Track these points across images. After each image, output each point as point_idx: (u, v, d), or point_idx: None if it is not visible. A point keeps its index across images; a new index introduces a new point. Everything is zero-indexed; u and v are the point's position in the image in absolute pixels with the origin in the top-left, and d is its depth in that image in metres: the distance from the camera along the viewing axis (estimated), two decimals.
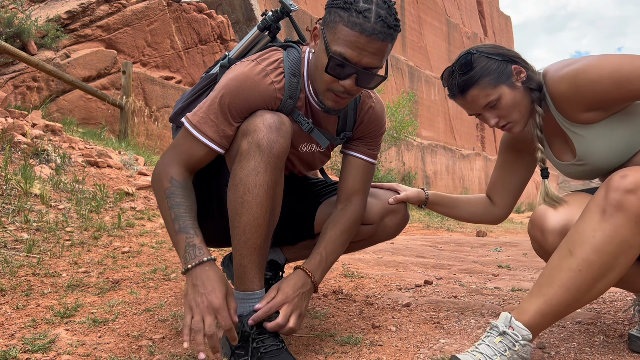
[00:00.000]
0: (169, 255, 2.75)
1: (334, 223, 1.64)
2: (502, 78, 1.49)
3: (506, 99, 1.49)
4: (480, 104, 1.51)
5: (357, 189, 1.68)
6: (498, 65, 1.49)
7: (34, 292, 2.00)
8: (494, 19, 34.98)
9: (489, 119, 1.53)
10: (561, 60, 1.52)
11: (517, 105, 1.50)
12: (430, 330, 1.77)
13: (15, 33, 7.02)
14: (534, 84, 1.50)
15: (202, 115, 1.45)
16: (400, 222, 1.84)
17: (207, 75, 1.69)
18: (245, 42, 1.68)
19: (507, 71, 1.50)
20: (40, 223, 2.79)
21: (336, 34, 1.36)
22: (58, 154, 3.98)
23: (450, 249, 4.13)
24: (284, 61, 1.50)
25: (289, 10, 1.62)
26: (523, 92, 1.50)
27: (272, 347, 1.38)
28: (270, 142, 1.38)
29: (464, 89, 1.51)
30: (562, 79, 1.43)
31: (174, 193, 1.42)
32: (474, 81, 1.50)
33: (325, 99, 1.47)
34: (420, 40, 24.83)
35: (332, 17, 1.38)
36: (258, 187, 1.37)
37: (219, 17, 9.56)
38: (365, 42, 1.34)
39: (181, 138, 1.48)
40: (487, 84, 1.49)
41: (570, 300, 1.28)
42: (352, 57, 1.36)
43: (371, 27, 1.33)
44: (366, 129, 1.68)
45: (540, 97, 1.51)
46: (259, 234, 1.39)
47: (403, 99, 14.95)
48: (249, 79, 1.44)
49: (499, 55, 1.51)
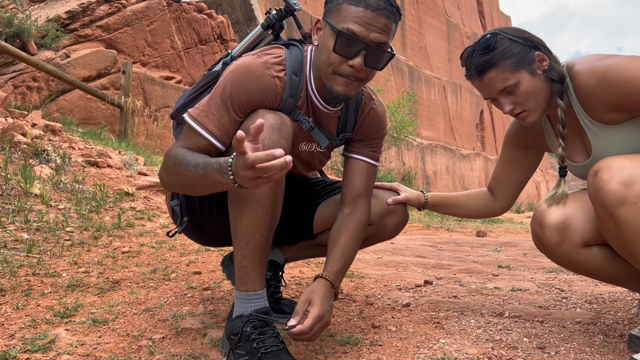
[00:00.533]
0: (169, 255, 2.75)
1: (345, 229, 1.63)
2: (523, 63, 1.44)
3: (525, 85, 1.44)
4: (497, 87, 1.46)
5: (362, 192, 1.67)
6: (521, 49, 1.44)
7: (34, 292, 1.99)
8: (494, 19, 34.98)
9: (504, 104, 1.48)
10: (589, 55, 1.46)
11: (536, 94, 1.45)
12: (430, 330, 1.77)
13: (15, 33, 7.02)
14: (556, 74, 1.45)
15: (203, 109, 1.43)
16: (400, 222, 1.84)
17: (209, 72, 1.69)
18: (248, 40, 1.68)
19: (530, 57, 1.44)
20: (40, 223, 2.79)
21: (341, 13, 1.39)
22: (58, 154, 3.98)
23: (450, 249, 4.13)
24: (286, 59, 1.50)
25: (293, 9, 1.62)
26: (544, 80, 1.45)
27: (272, 347, 1.38)
28: (271, 143, 1.37)
29: (483, 70, 1.46)
30: (592, 73, 1.38)
31: (184, 155, 1.36)
32: (493, 63, 1.45)
33: (334, 84, 1.44)
34: (420, 40, 24.83)
35: (334, 2, 1.41)
36: (259, 187, 1.37)
37: (219, 17, 9.56)
38: (372, 17, 1.36)
39: (183, 134, 1.47)
40: (507, 67, 1.44)
41: None
42: (360, 32, 1.37)
43: (375, 2, 1.36)
44: (367, 130, 1.67)
45: (562, 89, 1.46)
46: (261, 234, 1.39)
47: (403, 99, 14.95)
48: (250, 70, 1.43)
49: (522, 39, 1.46)
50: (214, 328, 1.73)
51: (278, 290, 1.92)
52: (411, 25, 23.95)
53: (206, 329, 1.71)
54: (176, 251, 2.82)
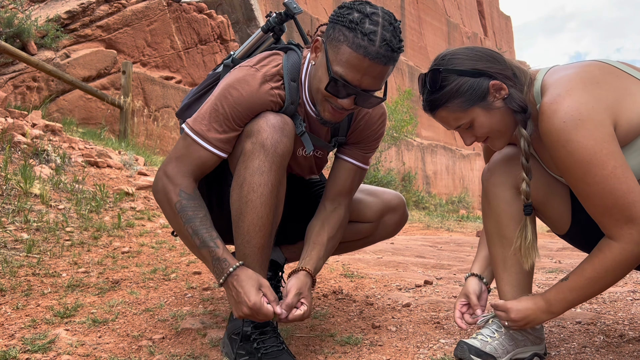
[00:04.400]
0: (169, 255, 2.75)
1: (330, 227, 1.64)
2: (475, 99, 1.31)
3: (480, 121, 1.33)
4: (451, 125, 1.38)
5: (346, 191, 1.68)
6: (471, 84, 1.31)
7: (34, 292, 1.99)
8: (494, 19, 34.98)
9: (464, 138, 1.40)
10: (566, 79, 1.29)
11: (495, 127, 1.34)
12: (430, 330, 1.77)
13: (15, 33, 7.02)
14: (516, 104, 1.31)
15: (204, 122, 1.43)
16: (400, 220, 1.85)
17: (213, 73, 1.71)
18: (249, 43, 1.70)
19: (482, 89, 1.31)
20: (40, 223, 2.79)
21: (339, 55, 1.34)
22: (58, 154, 3.98)
23: (450, 249, 4.13)
24: (283, 66, 1.50)
25: (292, 13, 1.62)
26: (503, 111, 1.33)
27: (272, 347, 1.38)
28: (274, 141, 1.38)
29: (433, 108, 1.37)
30: (549, 131, 1.24)
31: (185, 207, 1.40)
32: (442, 103, 1.34)
33: (323, 111, 1.46)
34: (420, 40, 24.83)
35: (335, 34, 1.35)
36: (262, 186, 1.37)
37: (219, 17, 9.56)
38: (368, 66, 1.32)
39: (184, 147, 1.46)
40: (456, 106, 1.33)
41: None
42: (352, 80, 1.35)
43: (375, 50, 1.30)
44: (362, 134, 1.67)
45: (525, 118, 1.33)
46: (263, 233, 1.40)
47: (401, 97, 14.94)
48: (247, 89, 1.43)
49: (473, 70, 1.32)
50: (214, 328, 1.73)
51: (278, 291, 1.92)
52: (411, 25, 23.96)
53: (206, 329, 1.71)
54: (176, 251, 2.82)
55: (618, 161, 1.19)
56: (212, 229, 1.41)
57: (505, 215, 1.48)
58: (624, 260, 1.24)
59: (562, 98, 1.23)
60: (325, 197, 1.69)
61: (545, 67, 1.40)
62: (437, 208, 15.55)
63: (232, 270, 1.35)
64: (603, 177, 1.19)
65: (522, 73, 1.37)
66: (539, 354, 1.46)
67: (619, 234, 1.22)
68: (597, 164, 1.19)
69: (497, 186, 1.49)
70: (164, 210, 1.46)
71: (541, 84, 1.33)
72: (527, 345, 1.45)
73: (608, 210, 1.22)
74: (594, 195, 1.22)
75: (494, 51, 1.38)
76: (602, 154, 1.19)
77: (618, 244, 1.23)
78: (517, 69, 1.37)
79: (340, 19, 1.35)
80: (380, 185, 11.54)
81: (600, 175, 1.19)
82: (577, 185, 1.25)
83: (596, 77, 1.28)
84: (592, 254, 1.30)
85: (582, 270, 1.30)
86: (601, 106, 1.22)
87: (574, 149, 1.20)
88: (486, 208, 1.53)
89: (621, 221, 1.21)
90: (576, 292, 1.31)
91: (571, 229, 1.48)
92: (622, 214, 1.20)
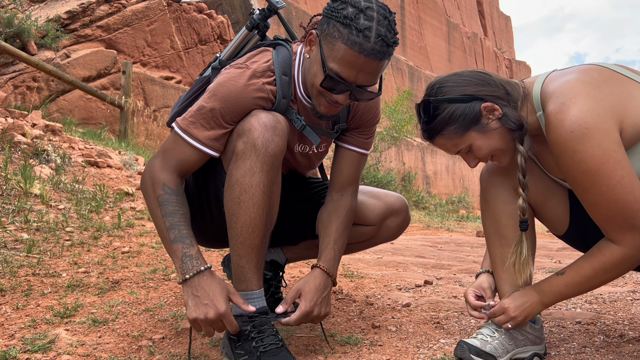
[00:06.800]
0: (168, 255, 2.75)
1: (336, 215, 1.64)
2: (468, 124, 1.33)
3: (478, 144, 1.35)
4: (451, 151, 1.40)
5: (351, 179, 1.69)
6: (463, 109, 1.33)
7: (34, 292, 1.99)
8: (494, 19, 34.98)
9: (468, 162, 1.43)
10: (561, 84, 1.29)
11: (494, 147, 1.36)
12: (430, 330, 1.77)
13: (15, 33, 7.02)
14: (512, 122, 1.32)
15: (192, 119, 1.43)
16: (402, 223, 1.84)
17: (200, 78, 1.69)
18: (235, 43, 1.68)
19: (475, 113, 1.33)
20: (40, 223, 2.79)
21: (334, 51, 1.33)
22: (58, 154, 3.98)
23: (450, 249, 4.13)
24: (274, 61, 1.50)
25: (275, 8, 1.60)
26: (500, 131, 1.34)
27: (271, 346, 1.38)
28: (265, 141, 1.37)
29: (430, 137, 1.40)
30: (557, 142, 1.23)
31: (167, 201, 1.41)
32: (437, 131, 1.37)
33: (318, 105, 1.46)
34: (420, 40, 24.83)
35: (330, 29, 1.34)
36: (254, 187, 1.37)
37: (219, 17, 9.56)
38: (363, 62, 1.32)
39: (171, 143, 1.47)
40: (452, 133, 1.35)
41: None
42: (348, 76, 1.35)
43: (370, 47, 1.30)
44: (361, 119, 1.67)
45: (522, 134, 1.34)
46: (257, 234, 1.39)
47: (401, 97, 14.93)
48: (238, 87, 1.43)
49: (463, 96, 1.33)
50: None
51: (278, 291, 1.92)
52: (411, 25, 23.96)
53: None
54: None
55: (625, 170, 1.20)
56: (190, 229, 1.41)
57: (504, 215, 1.48)
58: (623, 263, 1.26)
59: (567, 107, 1.23)
60: (332, 188, 1.70)
61: (543, 74, 1.40)
62: (437, 208, 15.54)
63: (202, 270, 1.35)
64: (610, 187, 1.20)
65: (514, 88, 1.37)
66: (539, 354, 1.46)
67: (620, 238, 1.24)
68: (604, 174, 1.20)
69: (495, 186, 1.50)
70: (146, 199, 1.46)
71: (541, 91, 1.33)
72: (527, 345, 1.45)
73: (612, 218, 1.23)
74: (599, 204, 1.24)
75: (483, 73, 1.39)
76: (610, 164, 1.20)
77: (619, 247, 1.25)
78: (508, 86, 1.37)
79: (335, 14, 1.33)
80: (380, 185, 11.54)
81: (607, 185, 1.20)
82: (583, 194, 1.26)
83: (597, 81, 1.28)
84: (591, 253, 1.31)
85: (580, 267, 1.32)
86: (606, 112, 1.22)
87: (582, 159, 1.21)
88: (485, 208, 1.53)
89: (624, 228, 1.23)
90: (571, 287, 1.34)
91: (569, 230, 1.48)
92: (626, 222, 1.22)
